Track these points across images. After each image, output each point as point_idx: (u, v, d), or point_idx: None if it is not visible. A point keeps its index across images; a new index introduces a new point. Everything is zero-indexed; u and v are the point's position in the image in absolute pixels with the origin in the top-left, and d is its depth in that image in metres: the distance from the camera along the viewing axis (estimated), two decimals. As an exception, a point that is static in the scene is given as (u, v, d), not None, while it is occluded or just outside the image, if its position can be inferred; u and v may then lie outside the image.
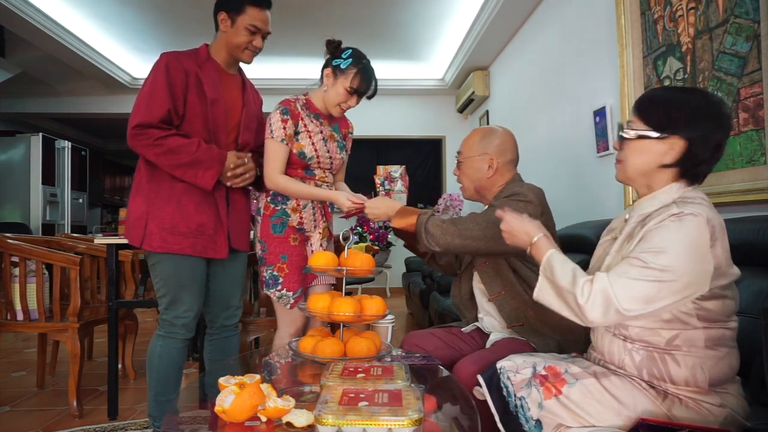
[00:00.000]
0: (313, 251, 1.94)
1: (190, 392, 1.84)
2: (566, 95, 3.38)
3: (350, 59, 1.83)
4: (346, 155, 2.04)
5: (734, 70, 1.81)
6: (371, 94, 1.90)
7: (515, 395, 1.15)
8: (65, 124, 8.14)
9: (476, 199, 1.76)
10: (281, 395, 1.07)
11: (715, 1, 1.90)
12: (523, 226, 1.23)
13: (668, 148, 1.11)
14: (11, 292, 2.44)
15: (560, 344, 1.54)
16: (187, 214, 1.76)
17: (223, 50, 1.85)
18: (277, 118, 1.84)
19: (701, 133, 1.09)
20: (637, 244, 1.08)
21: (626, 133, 1.16)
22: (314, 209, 1.94)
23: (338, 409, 0.93)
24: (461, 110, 6.28)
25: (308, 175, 1.91)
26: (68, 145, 6.40)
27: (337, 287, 2.08)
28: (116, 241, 2.26)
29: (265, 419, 1.04)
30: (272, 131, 1.83)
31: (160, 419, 1.79)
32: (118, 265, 2.37)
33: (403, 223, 1.64)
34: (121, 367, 2.90)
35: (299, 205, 1.90)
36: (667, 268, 1.00)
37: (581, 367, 1.15)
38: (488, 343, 1.64)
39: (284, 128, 1.83)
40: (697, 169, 1.12)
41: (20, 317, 2.42)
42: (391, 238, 5.03)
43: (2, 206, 5.92)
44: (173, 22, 4.70)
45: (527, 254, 1.24)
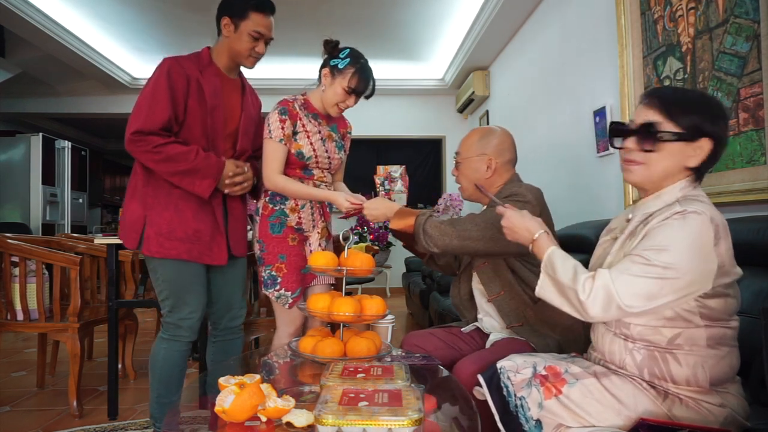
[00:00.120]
0: (311, 251, 1.95)
1: (190, 392, 1.84)
2: (566, 95, 3.37)
3: (348, 59, 1.83)
4: (344, 155, 2.04)
5: (734, 70, 1.81)
6: (369, 93, 1.90)
7: (515, 395, 1.15)
8: (65, 124, 8.14)
9: (475, 199, 1.76)
10: (281, 395, 1.07)
11: (715, 1, 1.90)
12: (524, 222, 1.23)
13: (697, 150, 1.09)
14: (11, 292, 2.44)
15: (560, 344, 1.54)
16: (184, 219, 1.75)
17: (225, 55, 1.83)
18: (275, 118, 1.84)
19: (724, 133, 1.10)
20: (639, 241, 1.07)
21: (662, 135, 1.09)
22: (313, 209, 1.94)
23: (338, 409, 0.93)
24: (461, 110, 6.27)
25: (307, 175, 1.91)
26: (68, 145, 6.41)
27: (336, 287, 2.08)
28: (116, 241, 2.26)
29: (265, 419, 1.04)
30: (270, 131, 1.83)
31: (161, 420, 1.79)
32: (118, 265, 2.38)
33: (401, 224, 1.64)
34: (121, 367, 2.90)
35: (298, 205, 1.91)
36: (669, 265, 1.00)
37: (581, 367, 1.15)
38: (488, 343, 1.64)
39: (282, 128, 1.83)
40: (707, 169, 1.13)
41: (20, 317, 2.42)
42: (390, 238, 5.02)
43: (2, 206, 5.93)
44: (173, 22, 4.70)
45: (527, 253, 1.23)
